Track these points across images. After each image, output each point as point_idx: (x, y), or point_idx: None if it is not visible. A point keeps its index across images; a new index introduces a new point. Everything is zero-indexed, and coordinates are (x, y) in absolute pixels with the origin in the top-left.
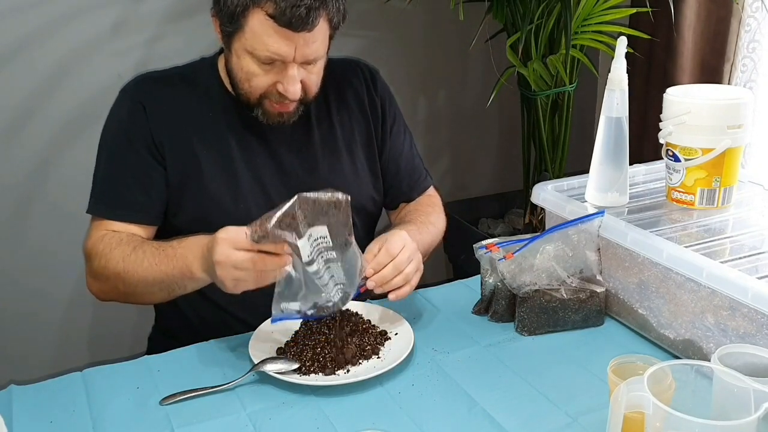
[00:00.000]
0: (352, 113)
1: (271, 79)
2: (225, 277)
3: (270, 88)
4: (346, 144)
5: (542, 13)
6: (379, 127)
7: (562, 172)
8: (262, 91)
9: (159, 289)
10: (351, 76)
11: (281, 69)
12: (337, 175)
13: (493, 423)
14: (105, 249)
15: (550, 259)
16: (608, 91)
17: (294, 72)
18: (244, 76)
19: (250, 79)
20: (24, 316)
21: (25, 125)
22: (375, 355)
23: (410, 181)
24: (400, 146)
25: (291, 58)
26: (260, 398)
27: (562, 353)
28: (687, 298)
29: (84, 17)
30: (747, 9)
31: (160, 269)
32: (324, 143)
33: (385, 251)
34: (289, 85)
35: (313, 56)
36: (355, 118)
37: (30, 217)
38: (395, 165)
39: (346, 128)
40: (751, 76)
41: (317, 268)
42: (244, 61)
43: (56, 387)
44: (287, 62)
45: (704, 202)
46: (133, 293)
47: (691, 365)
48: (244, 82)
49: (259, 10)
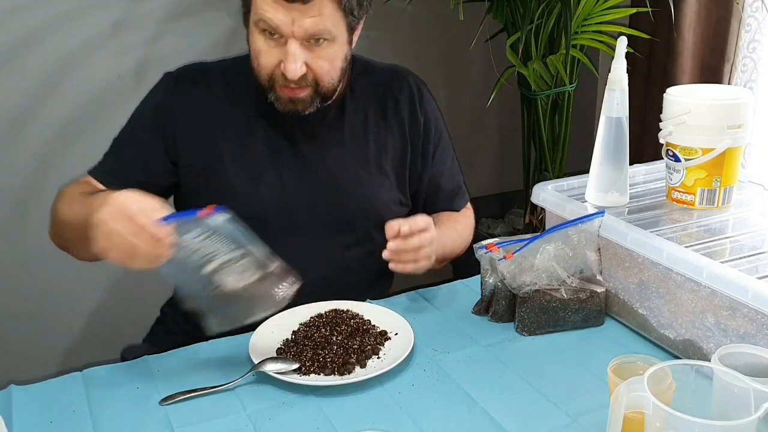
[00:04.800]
0: (389, 129)
1: (275, 57)
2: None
3: (276, 68)
4: (376, 158)
5: (542, 13)
6: (419, 148)
7: (562, 172)
8: (268, 70)
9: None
10: (395, 89)
11: (282, 45)
12: (359, 187)
13: (493, 423)
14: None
15: (550, 259)
16: (608, 91)
17: (294, 49)
18: (254, 54)
19: (258, 57)
20: (24, 316)
21: (25, 125)
22: (375, 355)
23: (449, 200)
24: (443, 166)
25: (288, 30)
26: (260, 398)
27: (563, 353)
28: (687, 298)
29: (84, 17)
30: (747, 9)
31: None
32: (353, 153)
33: (406, 224)
34: (289, 63)
35: (313, 30)
36: (390, 135)
37: (30, 217)
38: (435, 185)
39: (380, 143)
40: (751, 76)
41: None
42: (253, 38)
43: (56, 387)
44: (288, 38)
45: (704, 202)
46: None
47: (691, 365)
48: (254, 60)
49: None
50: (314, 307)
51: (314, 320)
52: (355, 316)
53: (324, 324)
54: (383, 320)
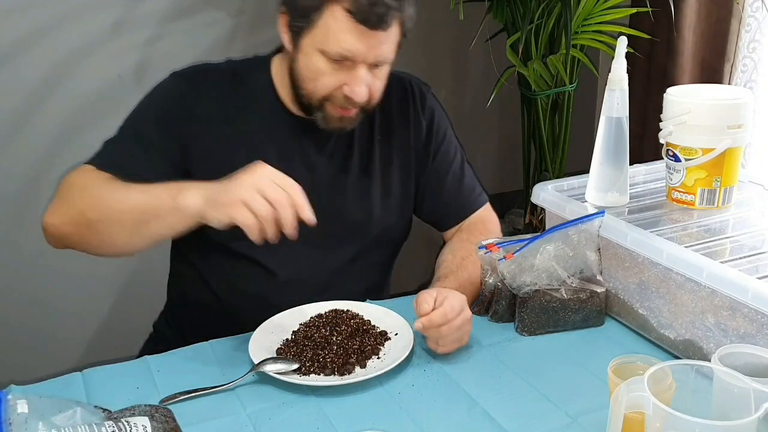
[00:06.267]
0: (393, 133)
1: (338, 80)
2: (249, 192)
3: (336, 90)
4: (383, 166)
5: (542, 12)
6: (421, 149)
7: (563, 172)
8: (327, 92)
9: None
10: (398, 93)
11: (350, 69)
12: (365, 199)
13: (493, 423)
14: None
15: (550, 259)
16: (608, 91)
17: (363, 73)
18: (310, 75)
19: (317, 78)
20: (24, 316)
21: (25, 126)
22: (375, 355)
23: (457, 202)
24: (447, 167)
25: (362, 57)
26: (260, 398)
27: (563, 353)
28: (687, 298)
29: (84, 17)
30: (747, 9)
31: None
32: (360, 162)
33: (442, 314)
34: (357, 86)
35: (383, 58)
36: (396, 139)
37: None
38: (439, 186)
39: (385, 149)
40: (751, 76)
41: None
42: (312, 59)
43: (56, 387)
44: (357, 62)
45: (704, 202)
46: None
47: (691, 365)
48: (310, 82)
49: (336, 5)
50: (314, 307)
51: (314, 320)
52: (355, 316)
53: (324, 324)
54: (383, 320)
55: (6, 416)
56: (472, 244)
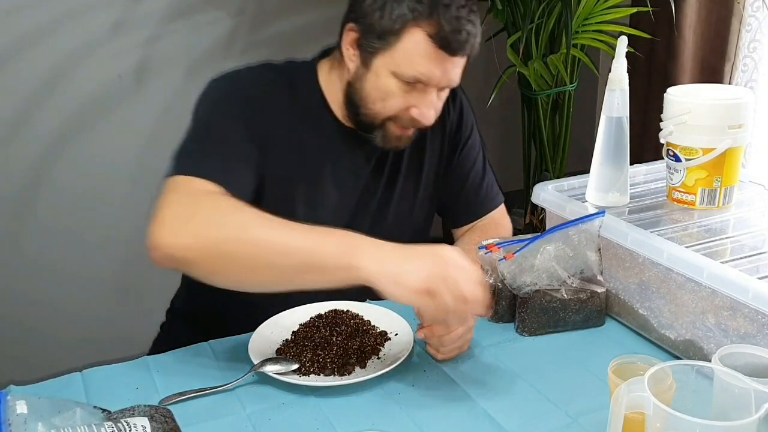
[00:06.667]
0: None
1: (406, 102)
2: (436, 283)
3: (403, 111)
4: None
5: (543, 12)
6: (451, 139)
7: (563, 171)
8: (394, 113)
9: (287, 263)
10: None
11: (421, 92)
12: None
13: (493, 423)
14: (210, 199)
15: (550, 260)
16: (609, 91)
17: (434, 97)
18: (379, 95)
19: (386, 99)
20: (24, 316)
21: (25, 126)
22: (375, 355)
23: (476, 199)
24: (472, 162)
25: (436, 81)
26: (260, 399)
27: (563, 354)
28: (688, 299)
29: (84, 17)
30: (748, 8)
31: (300, 241)
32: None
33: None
34: (427, 110)
35: (454, 82)
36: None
37: (30, 216)
38: (462, 180)
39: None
40: (751, 76)
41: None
42: (383, 81)
43: (56, 387)
44: (429, 86)
45: (705, 202)
46: (243, 257)
47: (691, 366)
48: (378, 102)
49: (418, 30)
50: (314, 307)
51: (314, 321)
52: (354, 316)
53: (324, 324)
54: (383, 321)
55: (5, 417)
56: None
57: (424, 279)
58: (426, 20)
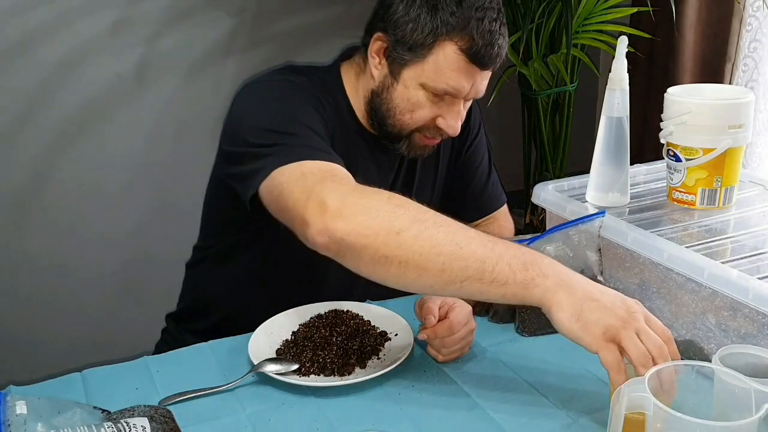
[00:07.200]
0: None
1: (434, 113)
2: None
3: (429, 121)
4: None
5: (543, 12)
6: (457, 140)
7: (563, 172)
8: (421, 123)
9: (460, 267)
10: None
11: (449, 104)
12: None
13: (493, 423)
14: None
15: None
16: (609, 91)
17: (461, 108)
18: (408, 106)
19: (414, 110)
20: (24, 316)
21: (25, 126)
22: (375, 355)
23: (480, 198)
24: (479, 160)
25: (464, 94)
26: (260, 399)
27: (563, 354)
28: (688, 299)
29: (84, 17)
30: (748, 8)
31: (479, 249)
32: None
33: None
34: (454, 121)
35: (480, 94)
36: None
37: (30, 216)
38: (468, 178)
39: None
40: (752, 76)
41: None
42: (412, 92)
43: (56, 387)
44: (458, 98)
45: (705, 202)
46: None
47: (692, 366)
48: (406, 113)
49: (450, 43)
50: (314, 307)
51: (314, 321)
52: (355, 316)
53: (324, 325)
54: (383, 321)
55: (5, 417)
56: None
57: (614, 326)
58: (459, 34)
